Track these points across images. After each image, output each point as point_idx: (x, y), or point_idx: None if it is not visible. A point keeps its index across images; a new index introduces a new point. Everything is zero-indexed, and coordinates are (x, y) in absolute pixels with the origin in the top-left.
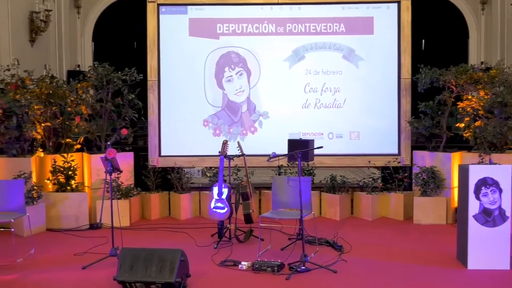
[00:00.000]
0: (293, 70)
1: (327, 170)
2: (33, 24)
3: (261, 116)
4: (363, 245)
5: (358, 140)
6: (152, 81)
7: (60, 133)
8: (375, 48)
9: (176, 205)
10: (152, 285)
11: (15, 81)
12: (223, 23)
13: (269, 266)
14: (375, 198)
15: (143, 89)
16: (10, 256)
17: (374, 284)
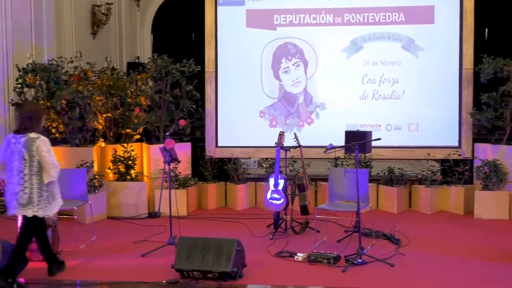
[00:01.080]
0: (351, 61)
1: (385, 162)
2: (95, 17)
3: (318, 107)
4: (421, 239)
5: (417, 132)
6: (209, 72)
7: (120, 123)
8: (436, 38)
9: (232, 196)
10: (209, 274)
11: (78, 73)
12: (280, 14)
13: (325, 258)
14: (434, 191)
15: (200, 80)
16: (73, 242)
17: (432, 279)
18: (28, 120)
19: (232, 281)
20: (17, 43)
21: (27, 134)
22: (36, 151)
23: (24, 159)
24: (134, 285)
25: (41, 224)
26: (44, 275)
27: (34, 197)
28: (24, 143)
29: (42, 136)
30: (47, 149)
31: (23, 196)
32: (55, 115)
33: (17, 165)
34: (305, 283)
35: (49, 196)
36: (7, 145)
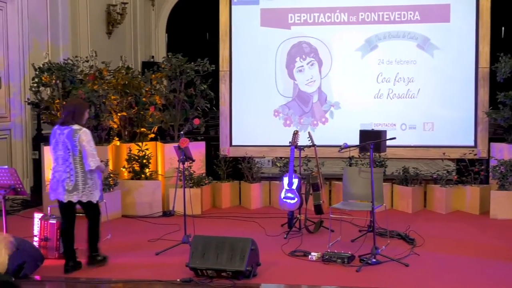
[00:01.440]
0: (366, 60)
1: (400, 162)
2: (110, 17)
3: (332, 107)
4: (436, 239)
5: (432, 132)
6: (224, 71)
7: (135, 122)
8: (452, 36)
9: (246, 195)
10: (223, 273)
11: (93, 72)
12: (295, 13)
13: (339, 258)
14: (450, 191)
15: (215, 79)
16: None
17: (448, 279)
18: (72, 114)
19: (246, 280)
20: (33, 43)
21: (70, 126)
22: (78, 142)
23: (68, 149)
24: (149, 283)
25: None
26: (60, 273)
27: (79, 184)
28: (67, 134)
29: (84, 128)
30: (88, 139)
31: (69, 183)
32: None
33: (62, 154)
34: (319, 282)
35: (93, 184)
36: (53, 136)
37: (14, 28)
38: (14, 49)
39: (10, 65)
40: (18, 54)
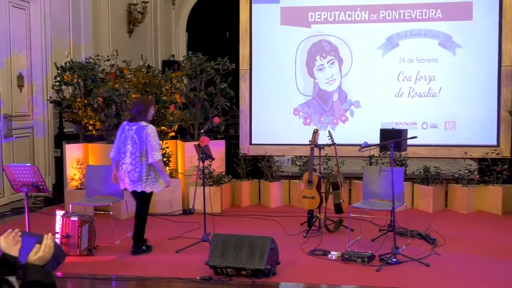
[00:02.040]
0: (386, 58)
1: (420, 161)
2: (131, 16)
3: (352, 105)
4: (458, 239)
5: (454, 131)
6: (244, 70)
7: (155, 121)
8: (474, 35)
9: (266, 193)
10: (242, 271)
11: (114, 71)
12: (315, 11)
13: (359, 257)
14: (471, 191)
15: (235, 78)
16: (109, 238)
17: (469, 280)
18: (138, 111)
19: (266, 278)
20: (56, 42)
21: (138, 122)
22: (145, 137)
23: (136, 144)
24: (168, 281)
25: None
26: (81, 270)
27: (143, 176)
28: (136, 130)
29: (150, 125)
30: (153, 135)
31: (134, 175)
32: (92, 112)
33: (129, 148)
34: (338, 282)
35: (156, 176)
36: (122, 131)
37: (36, 28)
38: (36, 48)
39: (33, 64)
40: (41, 53)
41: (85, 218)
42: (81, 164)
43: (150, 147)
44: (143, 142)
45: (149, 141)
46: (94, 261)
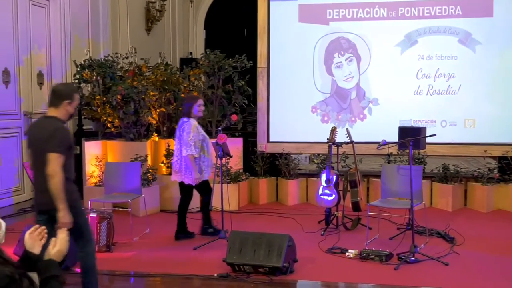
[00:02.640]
0: (405, 56)
1: (439, 159)
2: (149, 14)
3: (370, 103)
4: (477, 238)
5: (473, 128)
6: (261, 67)
7: (173, 118)
8: (494, 32)
9: (283, 191)
10: (260, 269)
11: (133, 69)
12: (333, 8)
13: (377, 255)
14: (491, 190)
15: (252, 75)
16: (127, 234)
17: (488, 279)
18: (183, 108)
19: (283, 276)
20: (75, 40)
21: (183, 118)
22: (182, 131)
23: (178, 138)
24: (186, 278)
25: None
26: (100, 266)
27: (182, 167)
28: (179, 125)
29: (190, 120)
30: (188, 130)
31: (176, 166)
32: (110, 109)
33: (177, 141)
34: (356, 280)
35: (192, 168)
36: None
37: (56, 26)
38: (56, 46)
39: (53, 62)
40: (60, 51)
41: (103, 215)
42: (100, 161)
43: (184, 141)
44: (182, 136)
45: (183, 136)
46: (112, 258)
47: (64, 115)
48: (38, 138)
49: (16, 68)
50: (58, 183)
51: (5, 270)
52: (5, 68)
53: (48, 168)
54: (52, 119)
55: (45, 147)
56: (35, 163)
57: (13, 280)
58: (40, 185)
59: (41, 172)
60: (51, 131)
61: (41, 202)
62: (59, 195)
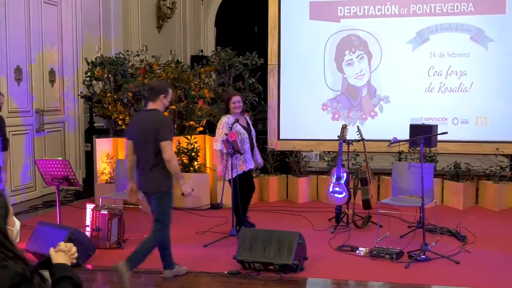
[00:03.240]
0: (417, 53)
1: (451, 157)
2: (160, 12)
3: (381, 100)
4: (489, 236)
5: (485, 126)
6: (272, 65)
7: (184, 115)
8: (507, 28)
9: (294, 188)
10: (270, 266)
11: (144, 66)
12: (344, 5)
13: (388, 253)
14: (503, 188)
15: (263, 73)
16: (138, 231)
17: (500, 278)
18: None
19: (293, 273)
20: (86, 37)
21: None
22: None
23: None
24: (196, 275)
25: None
26: (111, 263)
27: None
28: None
29: (222, 117)
30: (218, 127)
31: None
32: (121, 107)
33: None
34: (366, 278)
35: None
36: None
37: (68, 23)
38: (68, 44)
39: (64, 60)
40: (72, 49)
41: (114, 212)
42: (111, 158)
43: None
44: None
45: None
46: (123, 254)
47: (161, 107)
48: (147, 128)
49: (28, 66)
50: (175, 165)
51: (18, 268)
52: (17, 65)
53: (165, 154)
54: (155, 111)
55: (157, 136)
56: (141, 151)
57: (25, 278)
58: (143, 171)
59: (147, 159)
60: (160, 121)
61: (145, 185)
62: (178, 174)
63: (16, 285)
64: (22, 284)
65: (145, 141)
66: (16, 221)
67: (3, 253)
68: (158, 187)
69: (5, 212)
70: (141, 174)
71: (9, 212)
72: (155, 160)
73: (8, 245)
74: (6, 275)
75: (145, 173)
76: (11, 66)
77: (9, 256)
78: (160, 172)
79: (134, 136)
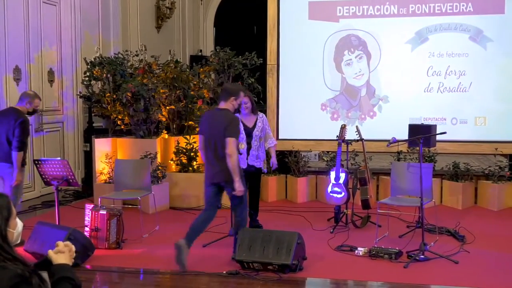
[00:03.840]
0: (415, 53)
1: (450, 157)
2: (159, 11)
3: (380, 100)
4: (488, 236)
5: (484, 126)
6: (271, 65)
7: (183, 115)
8: (506, 28)
9: (293, 188)
10: (269, 266)
11: (143, 66)
12: (343, 5)
13: (387, 253)
14: (502, 188)
15: (262, 73)
16: (137, 231)
17: (499, 278)
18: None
19: (292, 273)
20: (85, 37)
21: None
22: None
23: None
24: (195, 275)
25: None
26: (109, 263)
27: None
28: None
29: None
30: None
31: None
32: (120, 107)
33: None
34: (365, 278)
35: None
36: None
37: (67, 23)
38: (67, 44)
39: (63, 60)
40: (71, 49)
41: (113, 212)
42: (110, 158)
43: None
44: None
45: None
46: (122, 254)
47: (231, 108)
48: (217, 125)
49: (27, 66)
50: (235, 161)
51: (17, 269)
52: (16, 65)
53: (227, 149)
54: (225, 110)
55: (225, 132)
56: (211, 145)
57: (25, 279)
58: (214, 162)
59: (216, 152)
60: (229, 120)
61: (214, 176)
62: (235, 170)
63: (15, 286)
64: (21, 285)
65: (214, 136)
66: (19, 222)
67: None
68: (230, 176)
69: (7, 214)
70: (212, 166)
71: (11, 214)
72: (222, 153)
73: (6, 248)
74: (5, 276)
75: (215, 166)
76: (10, 66)
77: (7, 258)
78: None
79: (205, 131)
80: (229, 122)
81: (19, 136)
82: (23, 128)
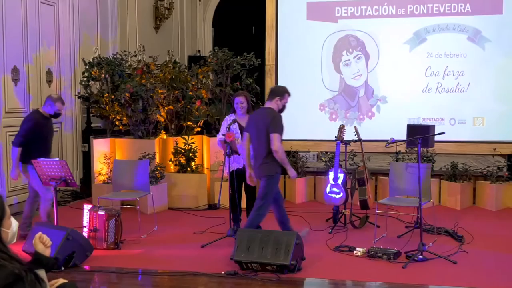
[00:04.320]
0: (414, 53)
1: (448, 157)
2: (157, 12)
3: (379, 101)
4: (486, 236)
5: (482, 127)
6: (269, 65)
7: (181, 116)
8: (504, 29)
9: (291, 189)
10: (268, 266)
11: (141, 67)
12: (342, 6)
13: (385, 254)
14: (500, 188)
15: (261, 73)
16: (136, 232)
17: (497, 278)
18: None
19: (291, 274)
20: (84, 38)
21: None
22: None
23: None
24: (194, 276)
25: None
26: (108, 263)
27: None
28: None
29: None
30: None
31: None
32: (119, 107)
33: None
34: (364, 278)
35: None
36: None
37: (65, 24)
38: (65, 44)
39: (61, 60)
40: (69, 49)
41: (112, 212)
42: (108, 159)
43: None
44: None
45: None
46: (120, 255)
47: (276, 107)
48: (261, 123)
49: (25, 66)
50: (282, 154)
51: (14, 268)
52: (14, 66)
53: (273, 145)
54: (270, 109)
55: (270, 129)
56: (256, 142)
57: (20, 278)
58: (258, 158)
59: (260, 148)
60: (273, 117)
61: (259, 171)
62: (284, 161)
63: (10, 285)
64: (16, 283)
65: (259, 133)
66: (14, 222)
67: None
68: (268, 171)
69: (1, 214)
70: (256, 162)
71: (5, 214)
72: (266, 149)
73: (1, 247)
74: (1, 274)
75: (259, 161)
76: (8, 66)
77: (3, 257)
78: (271, 159)
79: (251, 128)
80: (272, 120)
81: (19, 132)
82: (27, 127)
